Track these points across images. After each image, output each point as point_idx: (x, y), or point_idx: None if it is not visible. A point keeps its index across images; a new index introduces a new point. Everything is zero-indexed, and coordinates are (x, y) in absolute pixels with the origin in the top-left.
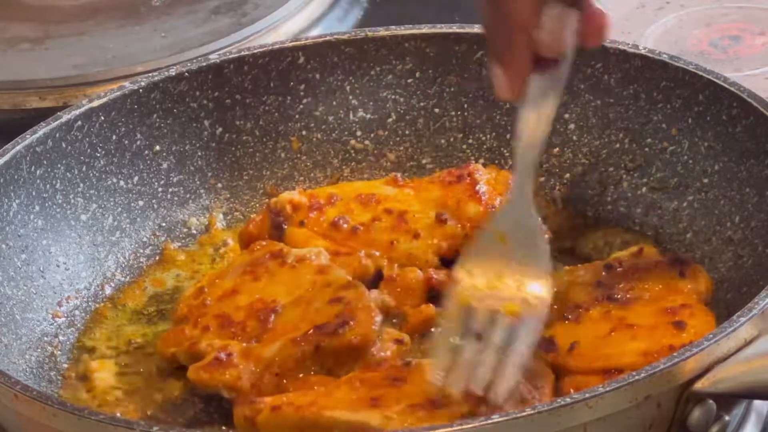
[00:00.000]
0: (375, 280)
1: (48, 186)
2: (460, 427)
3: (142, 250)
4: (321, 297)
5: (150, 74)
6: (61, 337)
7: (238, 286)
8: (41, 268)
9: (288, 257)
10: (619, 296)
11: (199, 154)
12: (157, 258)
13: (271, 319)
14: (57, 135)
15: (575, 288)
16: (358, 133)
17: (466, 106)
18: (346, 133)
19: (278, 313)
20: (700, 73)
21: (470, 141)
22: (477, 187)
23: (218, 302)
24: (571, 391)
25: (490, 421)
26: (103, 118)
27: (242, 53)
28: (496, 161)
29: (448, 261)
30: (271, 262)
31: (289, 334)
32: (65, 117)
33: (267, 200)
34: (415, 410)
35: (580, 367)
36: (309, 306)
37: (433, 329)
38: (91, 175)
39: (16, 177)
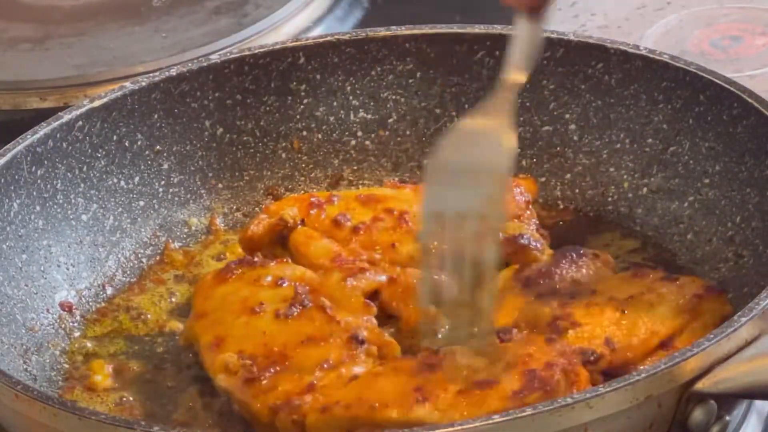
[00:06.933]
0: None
1: (49, 186)
2: (461, 427)
3: (142, 251)
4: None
5: (151, 74)
6: (61, 337)
7: None
8: (42, 269)
9: None
10: (573, 292)
11: (200, 154)
12: (158, 258)
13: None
14: (58, 135)
15: (532, 310)
16: (359, 134)
17: (466, 106)
18: (346, 133)
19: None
20: (701, 73)
21: None
22: None
23: None
24: None
25: (490, 421)
26: (103, 118)
27: (243, 53)
28: None
29: None
30: None
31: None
32: (66, 117)
33: (267, 201)
34: (464, 396)
35: (638, 355)
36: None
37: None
38: (92, 175)
39: (16, 177)
